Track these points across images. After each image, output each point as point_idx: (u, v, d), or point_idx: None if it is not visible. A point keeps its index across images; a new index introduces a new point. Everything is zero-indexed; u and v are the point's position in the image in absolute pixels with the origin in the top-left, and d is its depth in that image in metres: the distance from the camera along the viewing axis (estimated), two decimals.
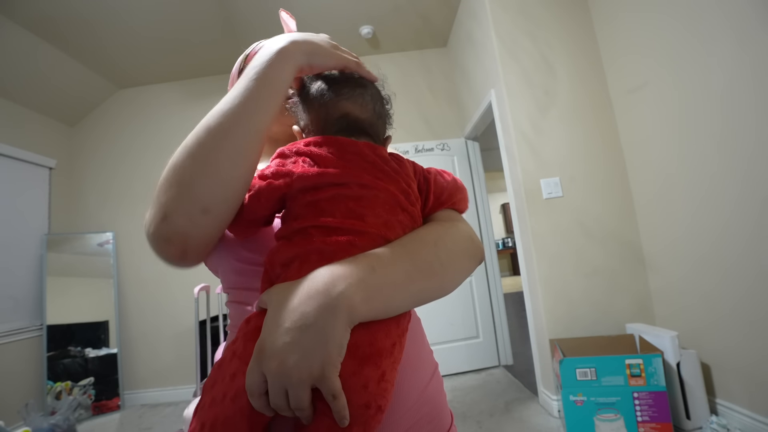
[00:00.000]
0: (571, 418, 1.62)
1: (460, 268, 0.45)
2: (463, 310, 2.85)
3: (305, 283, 0.34)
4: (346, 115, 0.47)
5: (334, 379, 0.31)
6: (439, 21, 2.96)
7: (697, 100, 1.57)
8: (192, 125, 0.44)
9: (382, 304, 0.35)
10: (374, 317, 0.35)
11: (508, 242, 8.58)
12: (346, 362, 0.32)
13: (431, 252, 0.41)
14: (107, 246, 3.07)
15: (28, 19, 2.38)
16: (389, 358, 0.35)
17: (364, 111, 0.48)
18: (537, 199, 2.05)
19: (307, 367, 0.30)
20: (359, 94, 0.48)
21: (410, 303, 0.39)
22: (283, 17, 0.61)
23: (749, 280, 1.44)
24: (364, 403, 0.32)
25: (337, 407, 0.31)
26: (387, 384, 0.34)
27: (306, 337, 0.31)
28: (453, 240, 0.45)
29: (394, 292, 0.37)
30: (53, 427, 2.19)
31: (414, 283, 0.39)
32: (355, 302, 0.33)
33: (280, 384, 0.31)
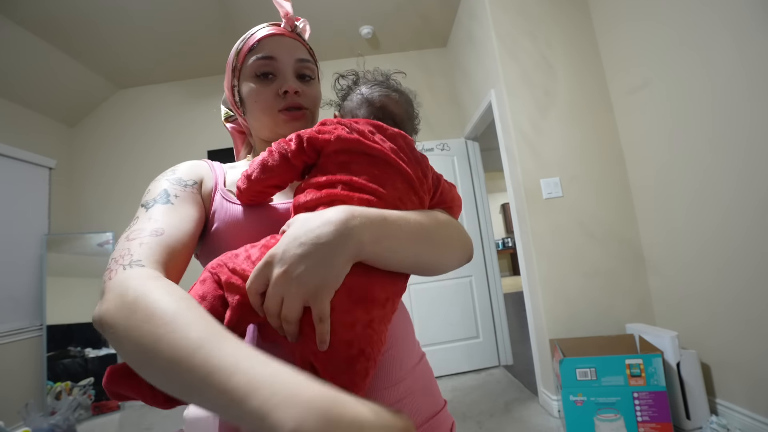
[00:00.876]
0: (571, 418, 1.62)
1: (454, 252, 0.49)
2: (462, 310, 2.85)
3: (327, 212, 0.37)
4: (384, 107, 0.54)
5: (325, 302, 0.34)
6: (439, 21, 2.96)
7: (697, 100, 1.57)
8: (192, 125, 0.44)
9: (386, 250, 0.38)
10: (375, 260, 0.38)
11: (508, 242, 8.58)
12: (339, 299, 0.35)
13: (434, 226, 0.45)
14: (107, 246, 3.07)
15: (28, 19, 2.38)
16: (380, 309, 0.38)
17: (399, 109, 0.56)
18: (537, 199, 2.05)
19: (306, 280, 0.33)
20: (395, 96, 0.56)
21: (407, 261, 0.42)
22: (276, 2, 0.60)
23: (749, 280, 1.44)
24: (348, 340, 0.35)
25: (321, 330, 0.34)
26: (373, 332, 0.36)
27: (315, 254, 0.34)
28: (451, 224, 0.49)
29: (398, 245, 0.40)
30: (53, 427, 2.19)
31: (415, 244, 0.42)
32: (365, 239, 0.36)
33: (278, 290, 0.34)
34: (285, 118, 0.57)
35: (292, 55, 0.58)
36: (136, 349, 0.31)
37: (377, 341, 0.37)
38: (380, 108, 0.54)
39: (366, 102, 0.55)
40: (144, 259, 0.39)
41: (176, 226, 0.44)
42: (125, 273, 0.37)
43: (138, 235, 0.42)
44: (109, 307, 0.34)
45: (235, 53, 0.60)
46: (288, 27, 0.60)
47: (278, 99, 0.57)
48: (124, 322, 0.32)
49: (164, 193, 0.48)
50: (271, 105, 0.57)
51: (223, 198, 0.52)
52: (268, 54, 0.57)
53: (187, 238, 0.45)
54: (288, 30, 0.60)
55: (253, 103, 0.58)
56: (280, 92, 0.57)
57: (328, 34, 2.95)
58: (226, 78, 0.63)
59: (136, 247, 0.40)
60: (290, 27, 0.61)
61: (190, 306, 0.33)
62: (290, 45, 0.59)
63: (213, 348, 0.28)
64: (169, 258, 0.41)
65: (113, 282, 0.36)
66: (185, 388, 0.28)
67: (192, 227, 0.47)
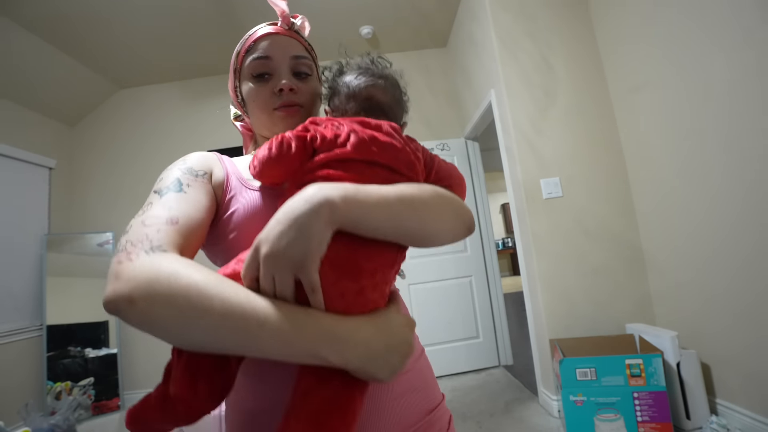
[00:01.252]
0: (571, 418, 1.62)
1: (447, 219, 0.48)
2: (463, 310, 2.85)
3: (301, 193, 0.39)
4: (370, 98, 0.54)
5: (313, 271, 0.36)
6: (439, 21, 2.96)
7: (697, 100, 1.57)
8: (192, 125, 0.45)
9: (361, 215, 0.39)
10: (353, 225, 0.39)
11: (508, 242, 8.58)
12: (326, 271, 0.37)
13: (418, 193, 0.45)
14: (107, 246, 3.07)
15: (28, 19, 2.38)
16: (370, 279, 0.40)
17: (385, 96, 0.55)
18: (537, 199, 2.05)
19: (290, 253, 0.35)
20: (381, 82, 0.55)
21: (392, 227, 0.42)
22: (271, 2, 0.61)
23: (749, 280, 1.44)
24: (342, 307, 0.37)
25: (314, 301, 0.36)
26: (366, 300, 0.39)
27: (293, 227, 0.36)
28: (442, 195, 0.48)
29: (374, 209, 0.40)
30: (53, 427, 2.19)
31: (396, 209, 0.42)
32: (337, 205, 0.37)
33: (268, 269, 0.36)
34: (281, 114, 0.59)
35: (287, 52, 0.60)
36: (182, 313, 0.34)
37: (373, 307, 0.40)
38: (366, 99, 0.54)
39: (352, 95, 0.55)
40: (165, 245, 0.40)
41: (189, 216, 0.46)
42: (149, 257, 0.38)
43: (154, 222, 0.42)
44: (138, 283, 0.35)
45: (235, 55, 0.62)
46: (285, 25, 0.61)
47: (274, 97, 0.59)
48: (166, 291, 0.35)
49: (177, 181, 0.49)
50: (268, 103, 0.59)
51: (241, 184, 0.54)
52: (263, 54, 0.59)
53: (199, 227, 0.46)
54: (285, 28, 0.61)
55: (251, 102, 0.60)
56: (275, 90, 0.58)
57: (328, 34, 2.95)
58: (229, 79, 0.65)
59: (155, 233, 0.41)
60: (287, 25, 0.62)
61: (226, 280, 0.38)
62: (285, 43, 0.60)
63: (258, 302, 0.35)
64: (185, 246, 0.43)
65: (137, 263, 0.37)
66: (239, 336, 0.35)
67: (204, 216, 0.48)
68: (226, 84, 3.24)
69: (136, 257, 0.38)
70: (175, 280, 0.35)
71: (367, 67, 0.57)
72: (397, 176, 0.47)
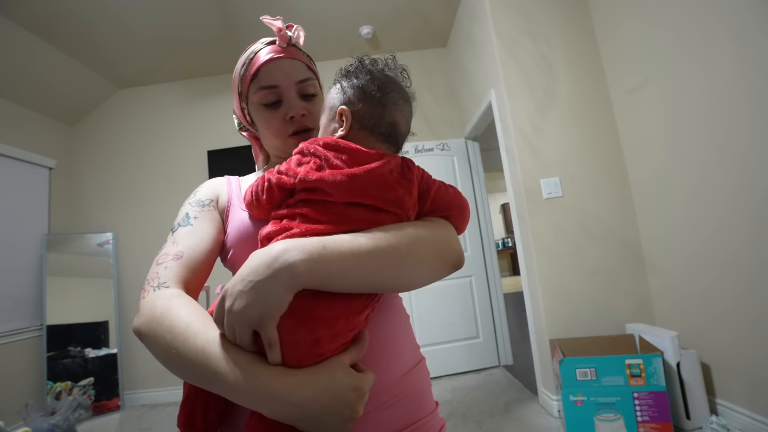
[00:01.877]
0: (571, 418, 1.62)
1: (424, 266, 0.47)
2: (463, 310, 2.85)
3: (266, 249, 0.40)
4: (394, 124, 0.52)
5: (271, 329, 0.37)
6: (439, 21, 2.96)
7: (697, 100, 1.57)
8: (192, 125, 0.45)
9: (326, 277, 0.40)
10: (318, 287, 0.40)
11: (508, 242, 8.58)
12: (285, 320, 0.38)
13: (392, 243, 0.44)
14: (107, 246, 3.07)
15: (28, 19, 2.38)
16: (329, 329, 0.40)
17: (406, 125, 0.54)
18: (537, 199, 2.05)
19: (248, 314, 0.37)
20: (408, 108, 0.54)
21: (359, 284, 0.42)
22: (266, 22, 0.62)
23: (749, 280, 1.44)
24: (296, 357, 0.38)
25: (271, 354, 0.38)
26: (322, 350, 0.39)
27: (252, 289, 0.37)
28: (423, 238, 0.47)
29: (341, 270, 0.40)
30: (53, 427, 2.19)
31: (363, 268, 0.42)
32: (298, 271, 0.38)
33: (229, 321, 0.38)
34: (294, 142, 0.60)
35: (293, 78, 0.61)
36: (163, 353, 0.42)
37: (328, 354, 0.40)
38: (390, 124, 0.52)
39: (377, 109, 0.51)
40: (168, 280, 0.49)
41: (193, 247, 0.53)
42: (154, 294, 0.47)
43: (164, 259, 0.52)
44: (143, 321, 0.45)
45: (239, 78, 0.63)
46: (283, 43, 0.62)
47: (287, 124, 0.61)
48: (154, 332, 0.43)
49: (186, 216, 0.58)
50: (281, 130, 0.61)
51: (237, 205, 0.59)
52: (271, 83, 0.60)
53: (203, 255, 0.54)
54: (284, 46, 0.62)
55: (264, 129, 0.63)
56: (287, 118, 0.61)
57: (328, 34, 2.95)
58: (234, 98, 0.66)
59: (162, 271, 0.50)
60: (285, 42, 0.63)
61: (201, 317, 0.43)
62: (289, 68, 0.61)
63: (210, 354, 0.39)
64: (189, 275, 0.51)
65: (146, 301, 0.46)
66: (202, 382, 0.40)
67: (209, 244, 0.55)
68: (226, 84, 3.24)
69: (147, 294, 0.47)
70: (160, 322, 0.43)
71: (399, 83, 0.54)
72: (382, 215, 0.46)
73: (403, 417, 0.49)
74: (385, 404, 0.48)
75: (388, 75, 0.54)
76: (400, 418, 0.49)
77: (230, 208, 0.59)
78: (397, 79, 0.54)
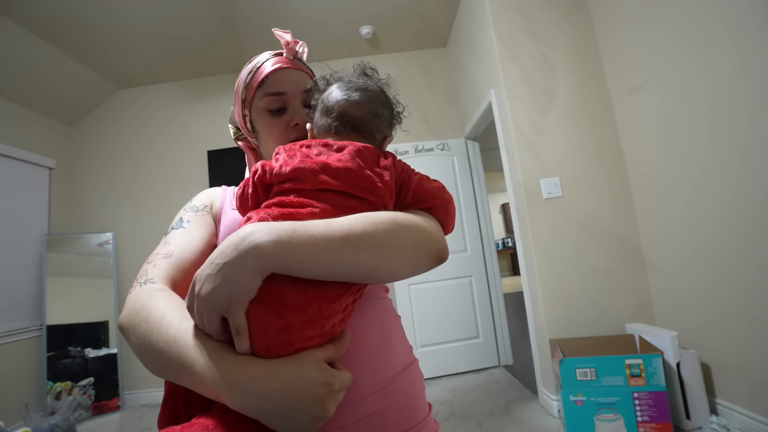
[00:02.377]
0: (571, 418, 1.62)
1: (402, 256, 0.45)
2: (463, 310, 2.85)
3: (236, 232, 0.39)
4: (343, 114, 0.54)
5: (239, 315, 0.36)
6: (439, 21, 2.96)
7: (697, 100, 1.57)
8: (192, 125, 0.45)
9: (294, 261, 0.38)
10: (286, 271, 0.38)
11: (508, 242, 8.58)
12: (254, 306, 0.37)
13: (367, 230, 0.42)
14: (107, 246, 3.07)
15: (28, 19, 2.38)
16: (299, 314, 0.38)
17: (359, 110, 0.54)
18: (537, 199, 2.05)
19: (215, 298, 0.36)
20: (356, 96, 0.54)
21: (331, 271, 0.40)
22: (277, 34, 0.65)
23: (749, 280, 1.44)
24: (266, 345, 0.37)
25: (238, 341, 0.36)
26: (292, 338, 0.37)
27: (219, 272, 0.36)
28: (401, 227, 0.45)
29: (312, 255, 0.38)
30: (53, 427, 2.19)
31: (336, 254, 0.40)
32: (266, 253, 0.37)
33: (198, 307, 0.37)
34: None
35: (299, 87, 0.63)
36: (138, 344, 0.42)
37: (302, 346, 0.38)
38: (339, 116, 0.54)
39: (325, 111, 0.55)
40: (155, 277, 0.50)
41: (184, 247, 0.55)
42: (140, 288, 0.48)
43: (153, 258, 0.53)
44: (125, 314, 0.46)
45: (244, 86, 0.64)
46: (290, 56, 0.65)
47: (290, 131, 0.62)
48: (133, 323, 0.44)
49: (180, 220, 0.60)
50: (283, 137, 0.62)
51: (229, 209, 0.62)
52: (278, 90, 0.62)
53: (193, 255, 0.55)
54: (291, 58, 0.65)
55: (266, 135, 0.64)
56: (291, 124, 0.62)
57: (328, 34, 2.95)
58: (235, 106, 0.67)
59: (151, 269, 0.51)
60: (292, 55, 0.65)
61: (179, 309, 0.43)
62: (296, 78, 0.63)
63: (180, 343, 0.39)
64: (177, 273, 0.52)
65: (131, 295, 0.47)
66: (170, 373, 0.40)
67: (199, 245, 0.56)
68: (226, 84, 3.24)
69: (133, 289, 0.48)
70: (139, 313, 0.43)
71: (346, 81, 0.57)
72: (354, 201, 0.46)
73: (395, 424, 0.47)
74: (374, 412, 0.46)
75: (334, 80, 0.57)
76: (392, 425, 0.46)
77: (222, 212, 0.62)
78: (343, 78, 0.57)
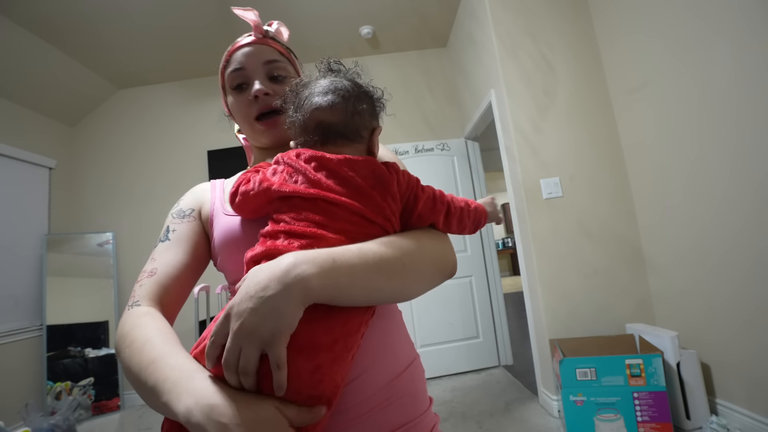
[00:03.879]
0: (571, 418, 1.62)
1: (424, 277, 0.48)
2: (463, 310, 2.85)
3: (274, 263, 0.39)
4: (320, 123, 0.50)
5: (281, 348, 0.35)
6: (439, 21, 2.96)
7: (697, 100, 1.57)
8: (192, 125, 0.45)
9: (337, 291, 0.39)
10: (326, 301, 0.39)
11: (508, 242, 8.58)
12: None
13: (396, 256, 0.44)
14: (107, 246, 3.07)
15: (28, 19, 2.38)
16: (328, 353, 0.38)
17: (336, 114, 0.50)
18: (537, 199, 2.05)
19: (260, 331, 0.35)
20: (328, 100, 0.50)
21: (366, 297, 0.42)
22: (238, 14, 0.63)
23: (749, 280, 1.44)
24: (296, 389, 0.36)
25: (278, 376, 0.35)
26: (323, 377, 0.37)
27: (265, 305, 0.36)
28: (422, 250, 0.48)
29: (351, 285, 0.40)
30: (53, 427, 2.19)
31: (372, 281, 0.42)
32: (311, 285, 0.37)
33: (236, 341, 0.36)
34: (261, 128, 0.60)
35: (260, 59, 0.60)
36: (125, 368, 0.43)
37: (329, 383, 0.38)
38: (317, 127, 0.50)
39: (303, 127, 0.51)
40: (141, 299, 0.50)
41: (167, 263, 0.54)
42: (128, 312, 0.49)
43: (141, 277, 0.54)
44: (116, 338, 0.47)
45: (220, 72, 0.64)
46: (258, 35, 0.62)
47: (251, 105, 0.59)
48: (120, 348, 0.45)
49: (166, 230, 0.59)
50: (247, 113, 0.60)
51: (221, 210, 0.58)
52: (238, 65, 0.60)
53: (176, 270, 0.54)
54: (259, 37, 0.62)
55: (236, 114, 0.62)
56: (250, 98, 0.59)
57: (328, 34, 2.95)
58: (221, 95, 0.67)
59: (138, 289, 0.52)
60: (261, 34, 0.62)
61: (161, 334, 0.44)
62: (258, 51, 0.61)
63: (158, 366, 0.39)
64: (161, 292, 0.52)
65: (122, 319, 0.49)
66: (147, 395, 0.39)
67: (183, 258, 0.55)
68: None
69: (124, 312, 0.50)
70: (125, 338, 0.45)
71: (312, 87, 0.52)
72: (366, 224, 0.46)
73: (398, 417, 0.49)
74: (379, 406, 0.47)
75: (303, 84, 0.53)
76: (395, 418, 0.48)
77: (214, 216, 0.59)
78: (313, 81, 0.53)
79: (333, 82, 0.52)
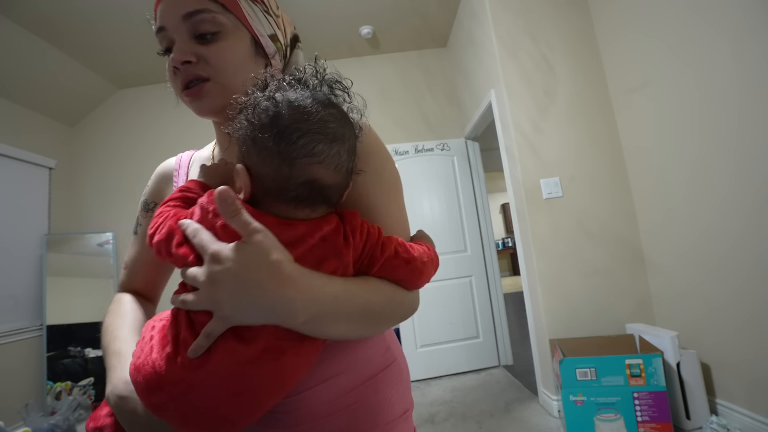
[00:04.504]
0: (571, 418, 1.62)
1: (390, 324, 0.47)
2: (463, 310, 2.85)
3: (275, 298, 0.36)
4: (313, 182, 0.37)
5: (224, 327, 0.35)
6: (439, 21, 2.96)
7: (697, 100, 1.57)
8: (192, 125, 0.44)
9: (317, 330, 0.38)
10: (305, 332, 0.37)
11: (508, 242, 8.58)
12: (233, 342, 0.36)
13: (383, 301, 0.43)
14: (107, 246, 3.07)
15: (28, 19, 2.38)
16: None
17: (336, 175, 0.39)
18: (537, 199, 2.05)
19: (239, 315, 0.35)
20: (336, 152, 0.38)
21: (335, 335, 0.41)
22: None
23: (750, 281, 1.43)
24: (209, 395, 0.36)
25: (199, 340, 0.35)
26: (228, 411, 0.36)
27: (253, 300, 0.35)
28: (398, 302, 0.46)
29: (333, 324, 0.39)
30: (53, 427, 2.19)
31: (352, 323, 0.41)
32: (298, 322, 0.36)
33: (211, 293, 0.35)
34: (187, 99, 0.50)
35: (177, 13, 0.46)
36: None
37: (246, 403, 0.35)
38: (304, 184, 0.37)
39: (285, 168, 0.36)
40: (120, 288, 0.60)
41: (135, 258, 0.60)
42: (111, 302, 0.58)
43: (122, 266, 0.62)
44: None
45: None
46: None
47: (177, 76, 0.48)
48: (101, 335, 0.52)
49: (136, 222, 0.62)
50: (175, 85, 0.50)
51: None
52: (159, 25, 0.48)
53: (145, 263, 0.59)
54: None
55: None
56: (169, 67, 0.48)
57: (328, 34, 2.95)
58: None
59: (120, 278, 0.61)
60: None
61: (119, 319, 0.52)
62: (175, 3, 0.46)
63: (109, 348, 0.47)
64: (133, 280, 0.60)
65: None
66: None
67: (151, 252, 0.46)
68: None
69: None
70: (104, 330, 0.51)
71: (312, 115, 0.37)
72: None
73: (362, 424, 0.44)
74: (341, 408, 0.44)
75: (298, 105, 0.37)
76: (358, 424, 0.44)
77: None
78: (313, 106, 0.37)
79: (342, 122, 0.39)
